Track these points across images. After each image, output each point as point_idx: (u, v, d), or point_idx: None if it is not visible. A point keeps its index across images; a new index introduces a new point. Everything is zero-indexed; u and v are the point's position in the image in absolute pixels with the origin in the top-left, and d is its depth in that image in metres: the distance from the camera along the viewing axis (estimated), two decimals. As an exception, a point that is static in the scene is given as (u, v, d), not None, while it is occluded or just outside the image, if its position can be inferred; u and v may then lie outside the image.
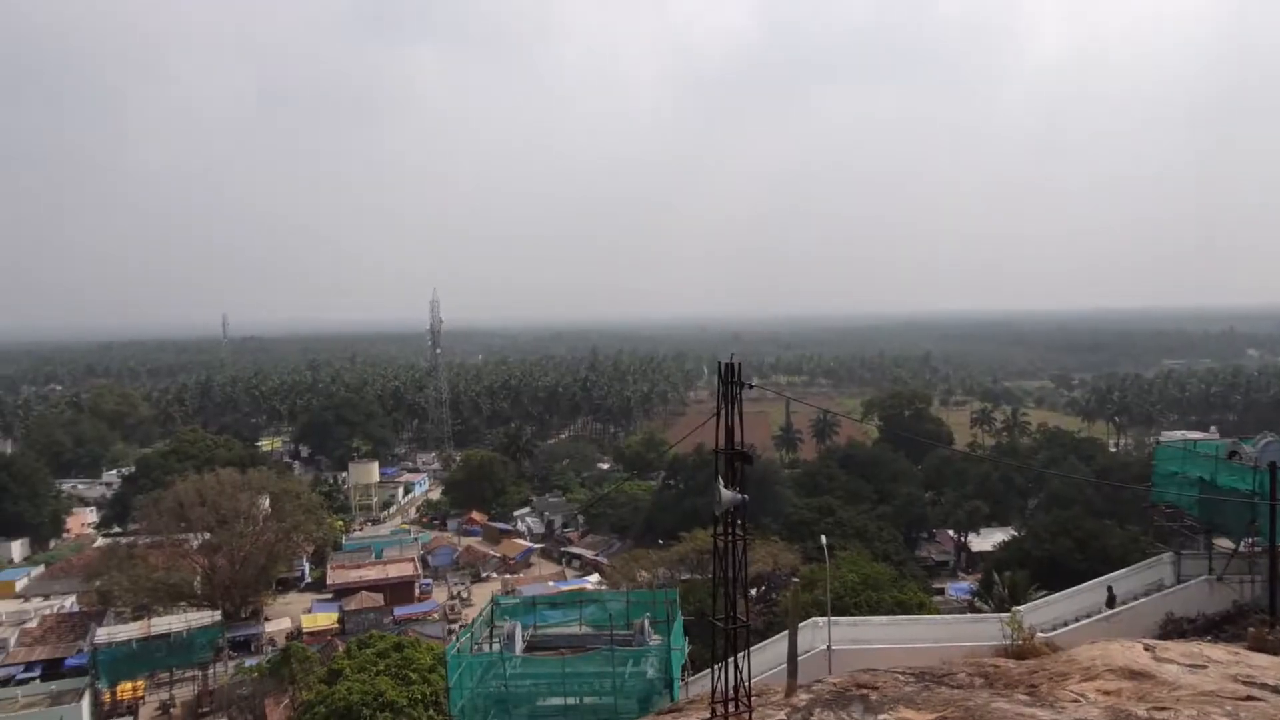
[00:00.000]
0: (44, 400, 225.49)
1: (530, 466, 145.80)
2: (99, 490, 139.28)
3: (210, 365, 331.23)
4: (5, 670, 67.24)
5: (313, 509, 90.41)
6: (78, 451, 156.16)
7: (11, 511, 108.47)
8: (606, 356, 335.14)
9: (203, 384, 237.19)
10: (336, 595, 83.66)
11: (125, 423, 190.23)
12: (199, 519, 79.38)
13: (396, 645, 50.84)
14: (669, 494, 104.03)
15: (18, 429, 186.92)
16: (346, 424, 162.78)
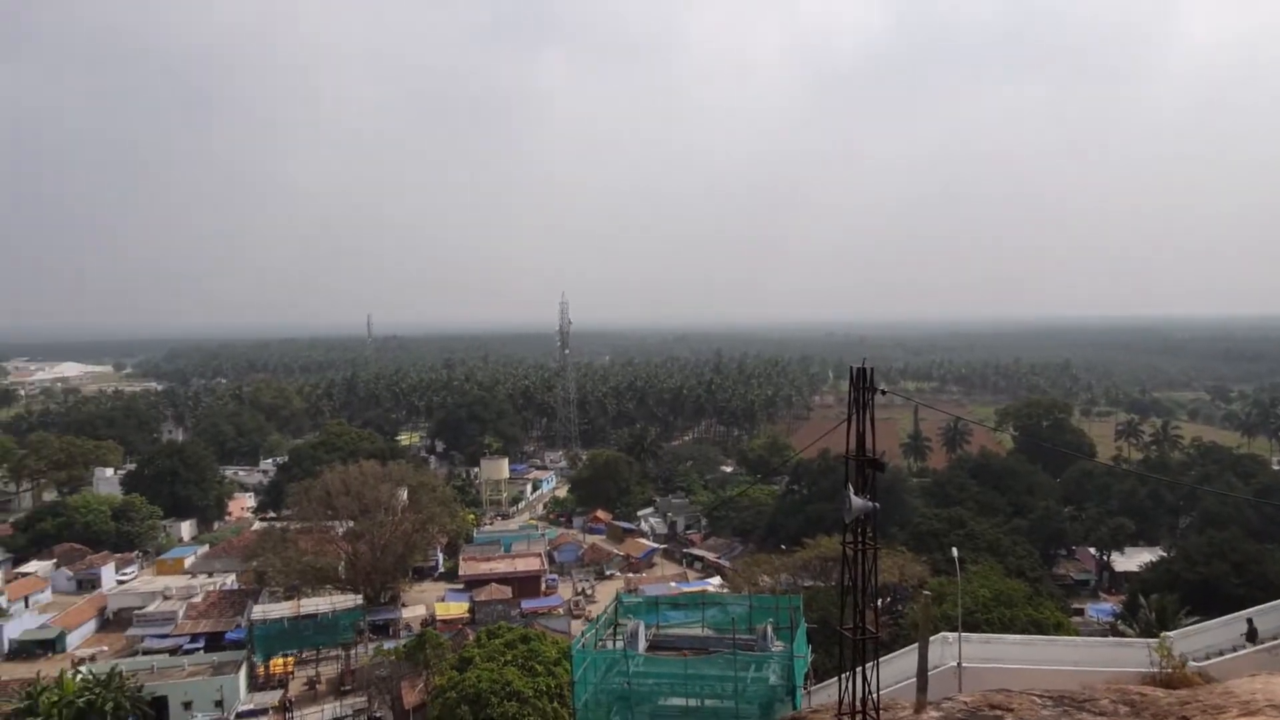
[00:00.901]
0: (211, 393, 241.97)
1: (654, 467, 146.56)
2: (257, 477, 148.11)
3: (356, 363, 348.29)
4: (174, 640, 72.66)
5: (447, 502, 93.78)
6: (239, 440, 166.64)
7: (182, 495, 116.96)
8: (731, 359, 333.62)
9: (349, 380, 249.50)
10: (467, 586, 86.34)
11: (280, 415, 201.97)
12: (344, 507, 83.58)
13: (523, 637, 52.00)
14: (792, 499, 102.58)
15: (189, 419, 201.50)
16: (479, 421, 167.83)
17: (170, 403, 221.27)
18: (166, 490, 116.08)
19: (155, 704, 59.67)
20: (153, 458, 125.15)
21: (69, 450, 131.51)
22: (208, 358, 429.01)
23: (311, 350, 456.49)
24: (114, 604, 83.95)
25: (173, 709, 60.34)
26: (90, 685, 55.57)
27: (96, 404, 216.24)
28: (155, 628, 75.44)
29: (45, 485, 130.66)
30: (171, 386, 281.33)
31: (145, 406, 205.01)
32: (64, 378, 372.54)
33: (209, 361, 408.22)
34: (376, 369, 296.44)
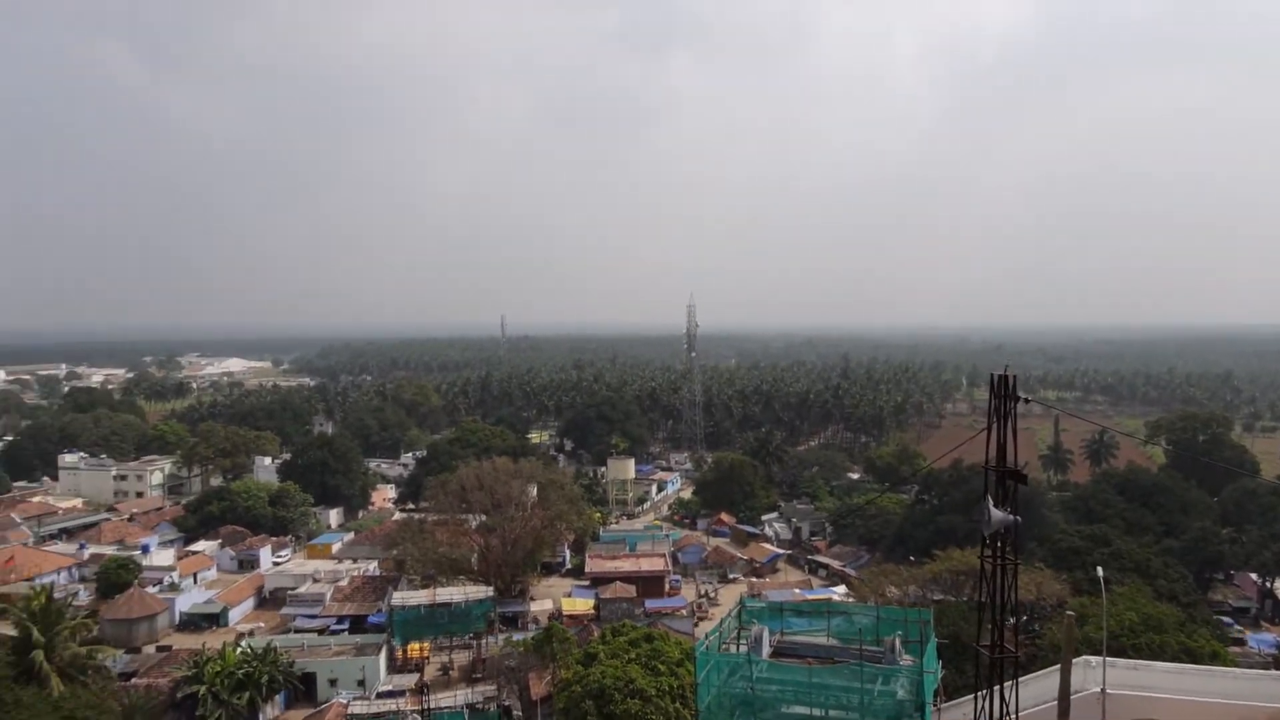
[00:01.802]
0: (357, 389, 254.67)
1: (779, 472, 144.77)
2: (397, 470, 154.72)
3: (490, 362, 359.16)
4: (322, 621, 76.71)
5: (574, 500, 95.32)
6: (382, 435, 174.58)
7: (331, 484, 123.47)
8: (859, 364, 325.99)
9: (483, 379, 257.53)
10: (593, 583, 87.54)
11: (419, 411, 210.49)
12: (477, 502, 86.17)
13: (647, 636, 52.33)
14: (922, 509, 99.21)
15: (337, 413, 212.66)
16: (607, 421, 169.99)
17: (321, 397, 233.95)
18: (317, 479, 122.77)
19: (305, 679, 63.32)
20: (305, 449, 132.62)
21: (233, 439, 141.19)
22: (355, 356, 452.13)
23: (449, 350, 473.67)
24: (270, 584, 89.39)
25: (320, 685, 63.79)
26: (249, 659, 59.40)
27: (257, 397, 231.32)
28: (305, 608, 79.87)
29: (212, 471, 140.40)
30: (323, 382, 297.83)
31: (299, 401, 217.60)
32: (229, 372, 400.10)
33: (356, 359, 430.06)
34: (509, 368, 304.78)
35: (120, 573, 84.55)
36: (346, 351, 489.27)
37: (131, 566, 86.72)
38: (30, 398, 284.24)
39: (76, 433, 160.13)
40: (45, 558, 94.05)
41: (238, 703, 56.58)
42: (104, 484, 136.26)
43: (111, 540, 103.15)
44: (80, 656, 53.01)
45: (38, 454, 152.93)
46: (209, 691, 56.33)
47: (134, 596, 79.02)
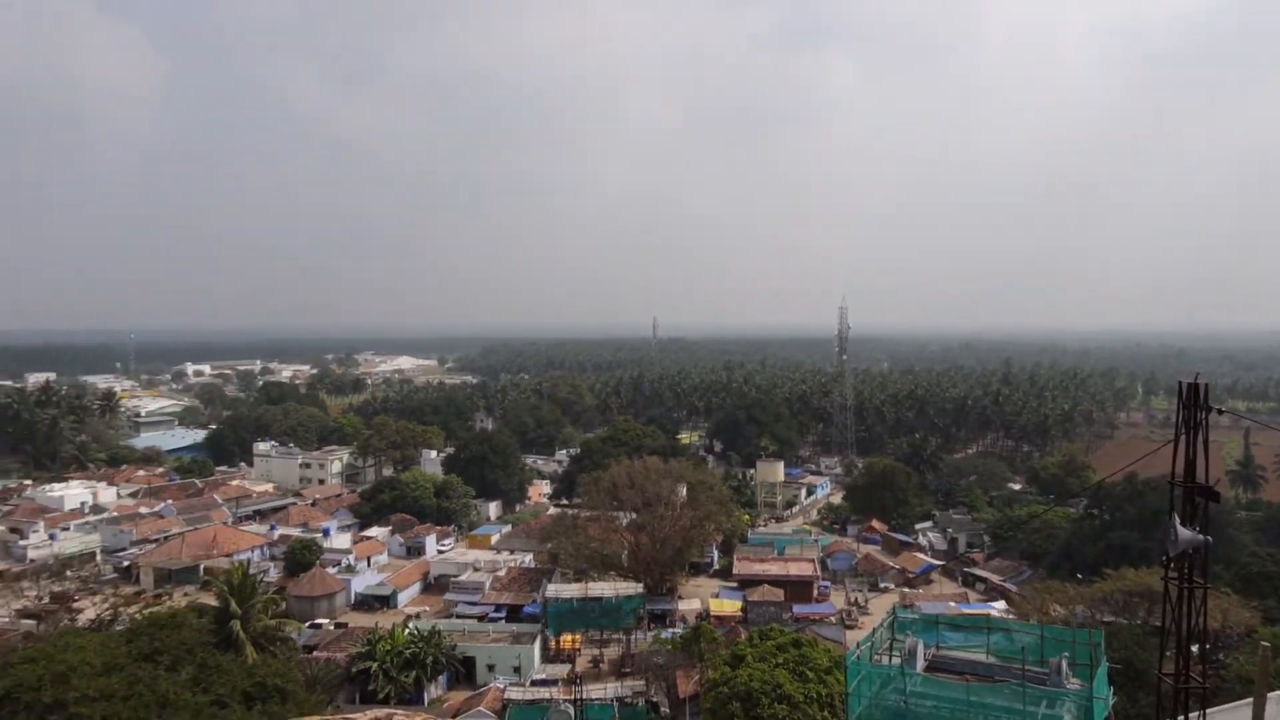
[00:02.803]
0: (516, 387, 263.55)
1: (934, 479, 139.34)
2: (553, 466, 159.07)
3: (642, 363, 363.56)
4: (481, 608, 79.82)
5: (723, 501, 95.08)
6: (538, 431, 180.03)
7: (490, 478, 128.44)
8: (1022, 369, 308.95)
9: (635, 379, 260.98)
10: (741, 585, 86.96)
11: (574, 409, 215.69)
12: (628, 499, 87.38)
13: (795, 641, 51.46)
14: (1092, 525, 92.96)
15: (497, 409, 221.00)
16: (756, 423, 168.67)
17: (482, 394, 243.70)
18: (478, 473, 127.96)
19: (465, 662, 66.11)
20: (468, 443, 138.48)
21: (403, 433, 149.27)
22: (514, 355, 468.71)
23: (602, 350, 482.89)
24: (434, 570, 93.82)
25: (479, 669, 66.44)
26: (416, 640, 62.61)
27: (424, 394, 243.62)
28: (466, 595, 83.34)
29: (384, 462, 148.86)
30: (483, 380, 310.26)
31: (462, 397, 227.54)
32: (400, 370, 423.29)
33: (515, 359, 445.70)
34: (660, 369, 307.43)
35: (304, 553, 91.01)
36: (506, 351, 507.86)
37: (314, 548, 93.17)
38: (231, 390, 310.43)
39: (269, 423, 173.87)
40: (242, 536, 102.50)
41: (405, 680, 59.77)
42: (291, 471, 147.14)
43: (297, 523, 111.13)
44: (271, 628, 57.42)
45: (236, 442, 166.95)
46: (380, 668, 59.79)
47: (316, 576, 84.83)
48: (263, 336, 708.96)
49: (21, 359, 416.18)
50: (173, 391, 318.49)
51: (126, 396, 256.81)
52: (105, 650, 40.48)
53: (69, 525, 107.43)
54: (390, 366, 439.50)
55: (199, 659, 43.34)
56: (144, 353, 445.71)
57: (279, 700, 43.22)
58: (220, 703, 40.49)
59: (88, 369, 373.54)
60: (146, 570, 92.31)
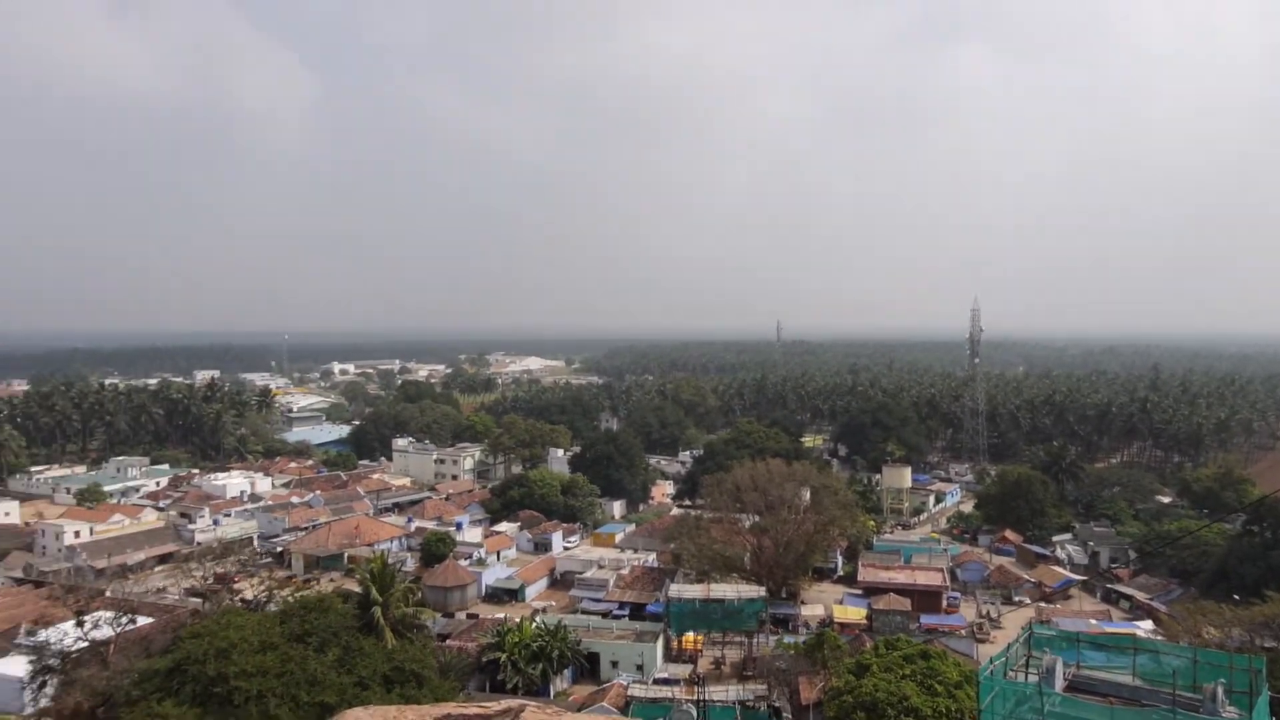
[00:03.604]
0: (640, 388, 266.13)
1: (1073, 490, 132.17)
2: (676, 467, 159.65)
3: (765, 365, 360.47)
4: (605, 605, 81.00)
5: (848, 506, 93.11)
6: (661, 432, 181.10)
7: (615, 477, 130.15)
8: (1172, 375, 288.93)
9: (758, 381, 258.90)
10: (866, 592, 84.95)
11: (697, 411, 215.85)
12: (751, 502, 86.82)
13: (923, 653, 49.88)
14: (1251, 542, 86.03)
15: (621, 410, 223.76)
16: (882, 428, 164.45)
17: (607, 395, 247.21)
18: (603, 472, 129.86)
19: (589, 658, 67.21)
20: (593, 443, 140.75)
21: (532, 431, 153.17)
22: (638, 356, 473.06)
23: (725, 352, 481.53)
24: (560, 567, 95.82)
25: (603, 665, 67.42)
26: (543, 633, 64.14)
27: (552, 394, 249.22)
28: (591, 591, 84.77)
29: (514, 459, 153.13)
30: (609, 381, 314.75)
31: (588, 398, 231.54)
32: (529, 370, 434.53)
33: (639, 360, 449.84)
34: (784, 372, 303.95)
35: (439, 545, 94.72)
36: (631, 352, 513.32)
37: (448, 541, 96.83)
38: (372, 389, 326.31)
39: (406, 420, 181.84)
40: (382, 527, 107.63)
41: (532, 672, 61.33)
42: (427, 466, 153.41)
43: (432, 516, 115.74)
44: (408, 616, 59.98)
45: (377, 437, 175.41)
46: (509, 659, 61.56)
47: (449, 567, 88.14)
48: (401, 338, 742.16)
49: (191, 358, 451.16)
50: (321, 389, 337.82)
51: (281, 394, 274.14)
52: (261, 629, 43.29)
53: (230, 512, 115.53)
54: (519, 367, 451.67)
55: (344, 642, 45.70)
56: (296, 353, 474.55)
57: (415, 685, 45.15)
58: (362, 684, 42.63)
59: (247, 368, 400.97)
60: (297, 556, 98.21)
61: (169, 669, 39.75)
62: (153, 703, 37.42)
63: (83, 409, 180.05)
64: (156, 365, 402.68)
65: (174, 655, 40.83)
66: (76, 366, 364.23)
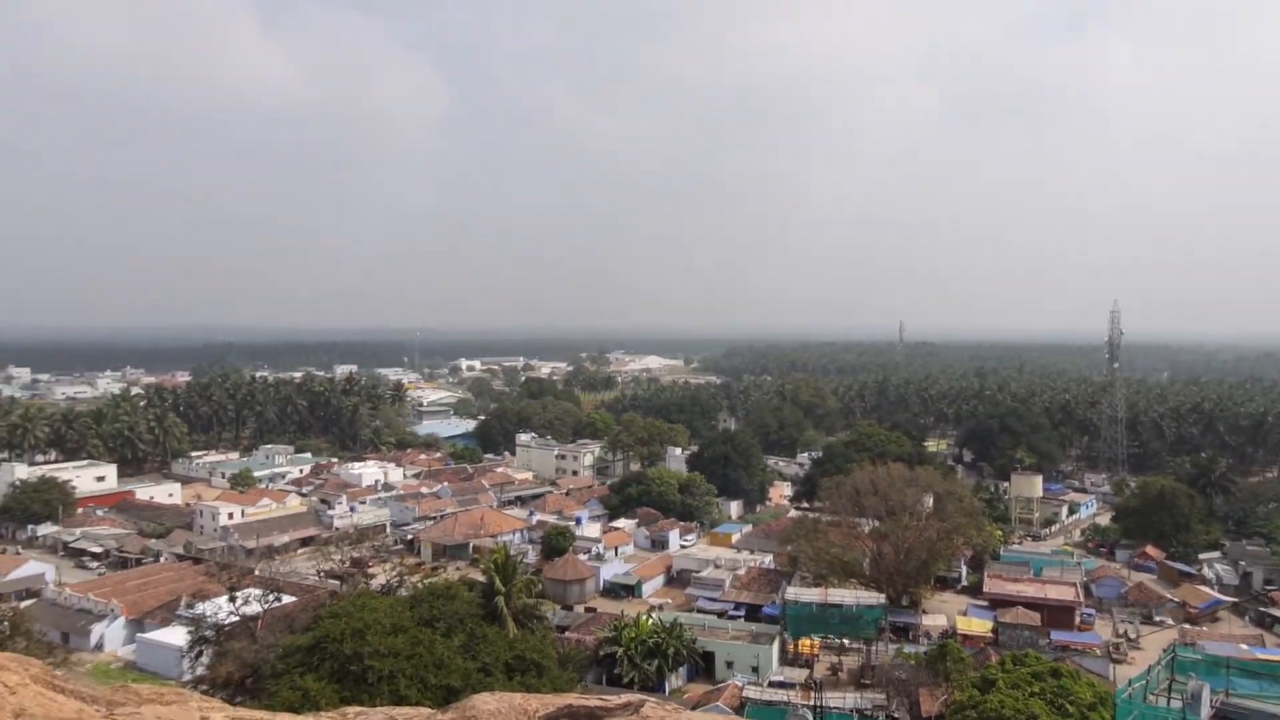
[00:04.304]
0: (758, 388, 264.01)
1: (1223, 505, 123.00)
2: (794, 468, 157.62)
3: (886, 367, 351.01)
4: (721, 605, 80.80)
5: (974, 514, 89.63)
6: (779, 433, 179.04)
7: (732, 477, 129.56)
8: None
9: (879, 383, 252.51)
10: (992, 604, 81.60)
11: (816, 412, 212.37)
12: (871, 506, 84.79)
13: (1053, 671, 47.55)
14: None
15: (739, 410, 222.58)
16: (1010, 434, 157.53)
17: (725, 395, 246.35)
18: (720, 472, 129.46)
19: (705, 657, 67.20)
20: (711, 442, 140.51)
21: (650, 429, 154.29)
22: (757, 357, 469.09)
23: (845, 354, 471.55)
24: (677, 564, 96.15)
25: (718, 664, 67.29)
26: (658, 630, 64.55)
27: (670, 392, 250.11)
28: (707, 591, 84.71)
29: (632, 457, 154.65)
30: (727, 381, 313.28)
31: (706, 397, 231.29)
32: (648, 368, 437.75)
33: (758, 360, 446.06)
34: (906, 374, 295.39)
35: (559, 539, 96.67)
36: (749, 353, 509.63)
37: (568, 535, 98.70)
38: (497, 385, 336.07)
39: (529, 416, 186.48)
40: (505, 519, 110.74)
41: (648, 668, 61.81)
42: (548, 461, 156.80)
43: (552, 510, 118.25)
44: (529, 606, 61.54)
45: (501, 432, 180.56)
46: (625, 654, 62.25)
47: (569, 561, 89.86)
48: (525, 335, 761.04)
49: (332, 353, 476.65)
50: (449, 385, 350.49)
51: (412, 388, 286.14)
52: (393, 613, 45.28)
53: (365, 500, 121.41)
54: (639, 365, 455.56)
55: (469, 628, 47.29)
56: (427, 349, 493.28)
57: (535, 674, 46.25)
58: (485, 670, 43.98)
59: (382, 363, 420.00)
60: (426, 544, 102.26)
61: (310, 646, 42.08)
62: (295, 676, 39.69)
63: (236, 400, 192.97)
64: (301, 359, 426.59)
65: (314, 633, 43.19)
66: (231, 360, 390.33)
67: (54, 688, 8.03)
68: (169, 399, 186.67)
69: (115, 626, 73.64)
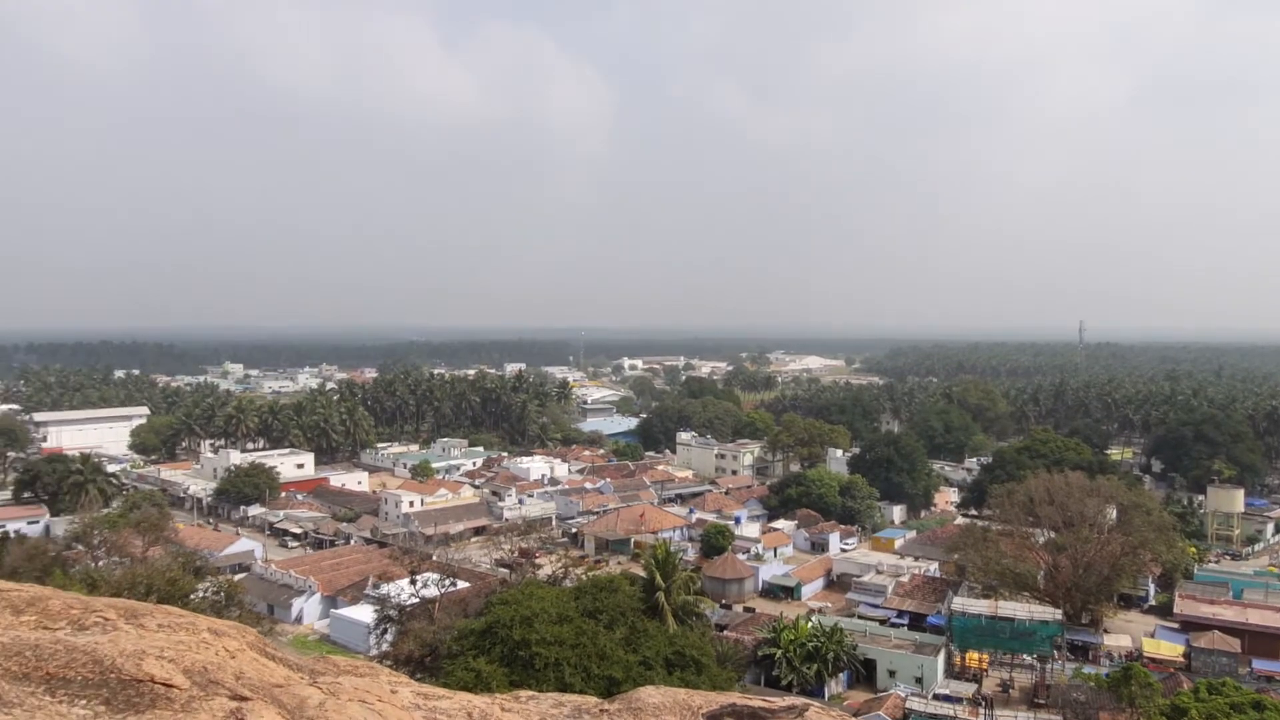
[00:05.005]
0: (924, 390, 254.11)
1: None
2: (960, 474, 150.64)
3: (1064, 369, 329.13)
4: (883, 612, 78.42)
5: (1163, 528, 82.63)
6: (946, 437, 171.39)
7: (895, 481, 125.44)
8: None
9: (1056, 386, 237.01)
10: (1184, 627, 74.88)
11: (985, 416, 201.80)
12: (1046, 517, 79.86)
13: (1256, 703, 43.31)
14: None
15: (903, 412, 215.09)
16: (1206, 443, 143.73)
17: (888, 396, 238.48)
18: (882, 475, 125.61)
19: (865, 664, 65.49)
20: (873, 445, 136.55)
21: (810, 430, 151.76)
22: (922, 358, 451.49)
23: (1018, 355, 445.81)
24: (837, 568, 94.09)
25: (879, 673, 65.38)
26: (818, 634, 63.49)
27: (831, 393, 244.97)
28: (868, 596, 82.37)
29: (792, 458, 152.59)
30: (890, 382, 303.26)
31: (868, 398, 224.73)
32: (808, 369, 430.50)
33: (923, 361, 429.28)
34: (1086, 377, 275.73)
35: (718, 538, 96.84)
36: (914, 353, 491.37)
37: (727, 534, 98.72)
38: (658, 383, 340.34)
39: (690, 415, 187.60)
40: (665, 516, 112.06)
41: (807, 672, 60.91)
42: (708, 460, 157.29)
43: (712, 509, 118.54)
44: (689, 603, 62.12)
45: (662, 430, 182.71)
46: (784, 656, 61.60)
47: (728, 560, 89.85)
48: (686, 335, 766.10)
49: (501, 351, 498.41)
50: (612, 383, 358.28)
51: (577, 386, 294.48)
52: (559, 603, 46.89)
53: (533, 493, 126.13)
54: (799, 365, 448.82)
55: (630, 622, 48.28)
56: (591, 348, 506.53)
57: (695, 671, 46.60)
58: (646, 664, 44.75)
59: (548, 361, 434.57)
60: (589, 538, 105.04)
61: (482, 630, 44.27)
62: (469, 658, 41.89)
63: (416, 395, 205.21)
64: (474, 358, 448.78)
65: (486, 618, 45.39)
66: (412, 358, 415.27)
67: (266, 654, 8.89)
68: (358, 393, 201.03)
69: (312, 602, 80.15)
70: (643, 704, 9.88)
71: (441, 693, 9.41)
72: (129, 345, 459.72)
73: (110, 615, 8.49)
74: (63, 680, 6.26)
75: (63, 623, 8.11)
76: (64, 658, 6.50)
